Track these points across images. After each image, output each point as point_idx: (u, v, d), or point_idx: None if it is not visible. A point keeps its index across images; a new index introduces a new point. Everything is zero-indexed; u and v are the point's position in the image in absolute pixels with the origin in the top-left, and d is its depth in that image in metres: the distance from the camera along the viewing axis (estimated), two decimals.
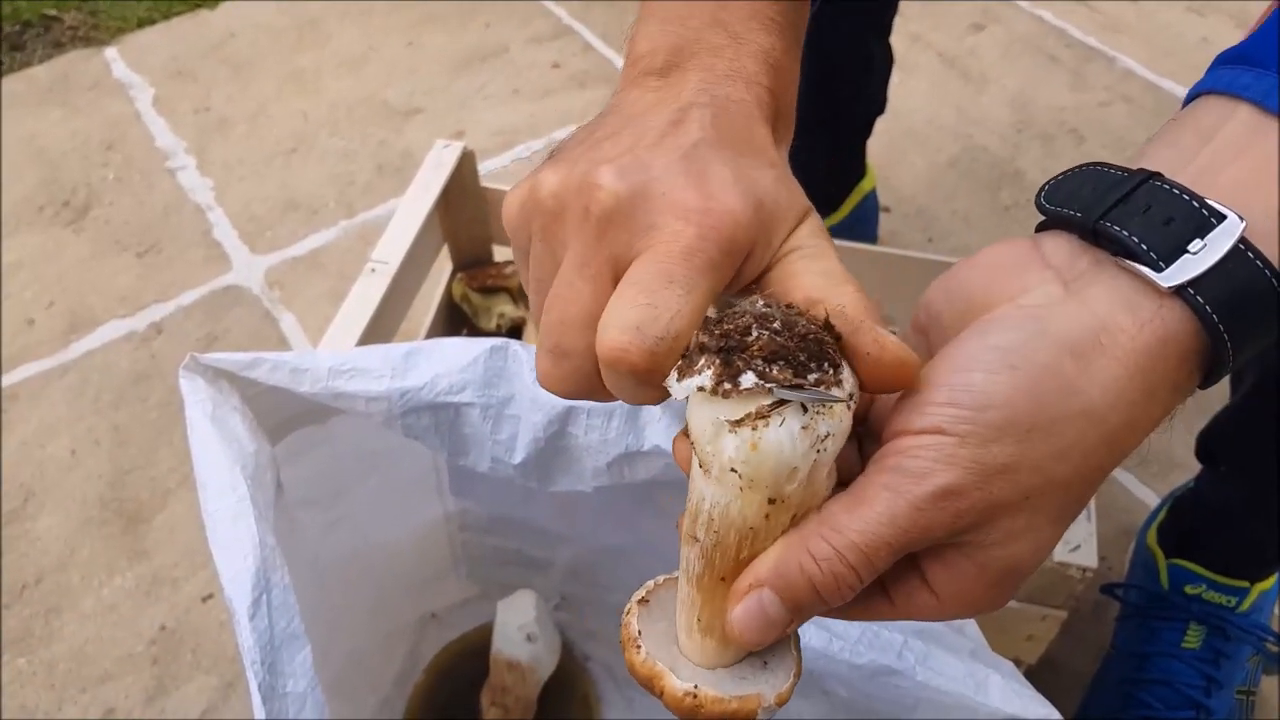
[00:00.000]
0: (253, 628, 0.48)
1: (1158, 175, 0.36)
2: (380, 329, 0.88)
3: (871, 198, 1.31)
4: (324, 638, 0.57)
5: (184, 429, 0.58)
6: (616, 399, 0.39)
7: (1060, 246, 0.37)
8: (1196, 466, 0.96)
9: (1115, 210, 0.36)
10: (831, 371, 0.35)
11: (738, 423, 0.35)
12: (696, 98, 0.42)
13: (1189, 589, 0.94)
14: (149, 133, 1.61)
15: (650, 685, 0.40)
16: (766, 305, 0.36)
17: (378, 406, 0.62)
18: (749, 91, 0.44)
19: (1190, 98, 0.39)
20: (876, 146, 1.28)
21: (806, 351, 0.35)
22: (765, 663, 0.41)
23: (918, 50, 1.71)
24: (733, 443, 0.35)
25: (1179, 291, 0.34)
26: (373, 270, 0.90)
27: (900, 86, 1.57)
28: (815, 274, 0.39)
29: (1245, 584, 0.93)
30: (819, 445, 0.35)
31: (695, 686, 0.39)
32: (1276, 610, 0.97)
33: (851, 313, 0.37)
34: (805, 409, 0.35)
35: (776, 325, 0.35)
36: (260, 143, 1.60)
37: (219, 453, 0.56)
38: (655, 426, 0.62)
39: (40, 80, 1.71)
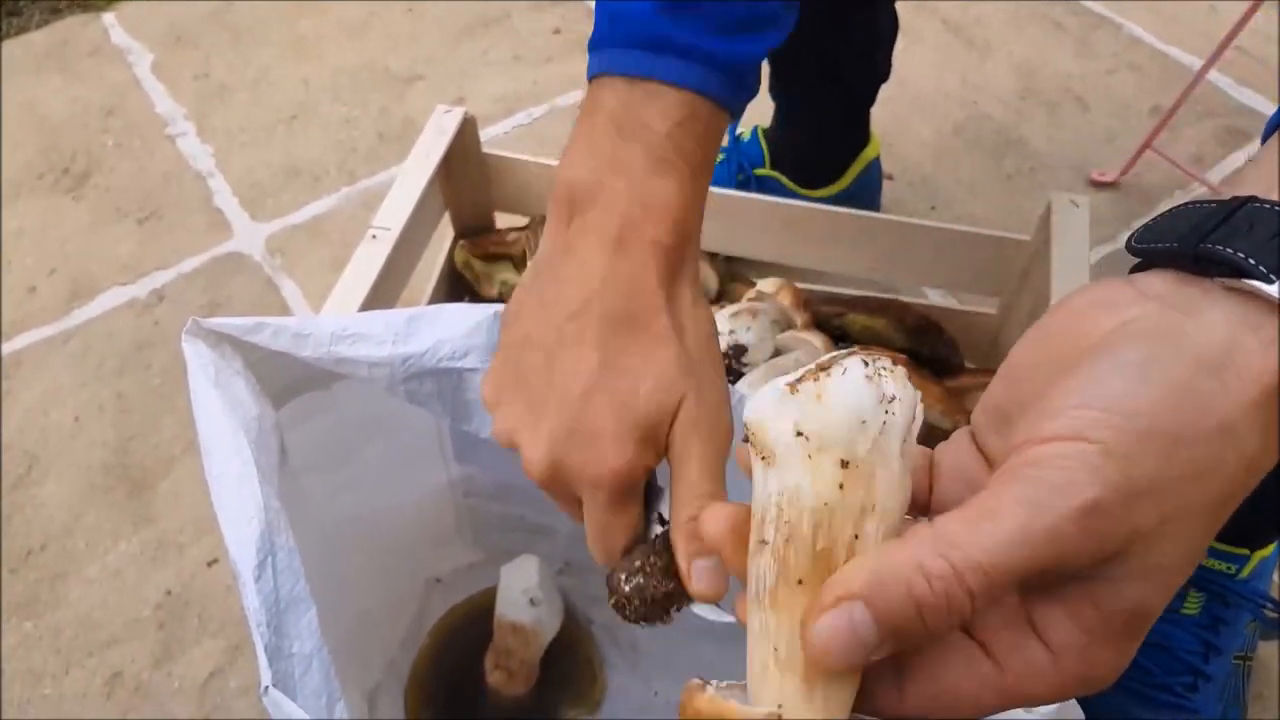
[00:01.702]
0: (258, 590, 0.48)
1: (1253, 198, 0.34)
2: (382, 296, 0.87)
3: (875, 166, 1.30)
4: (330, 602, 0.57)
5: (187, 396, 0.58)
6: None
7: (1158, 281, 0.35)
8: None
9: (1216, 233, 0.34)
10: None
11: (798, 382, 0.34)
12: (596, 287, 0.51)
13: None
14: (149, 99, 1.61)
15: None
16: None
17: (380, 372, 0.62)
18: (640, 251, 0.52)
19: (1271, 127, 0.38)
20: (880, 114, 1.27)
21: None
22: None
23: (923, 17, 1.70)
24: (795, 405, 0.34)
25: None
26: (374, 237, 0.90)
27: (905, 54, 1.56)
28: (685, 483, 0.50)
29: (1245, 551, 0.93)
30: (886, 405, 0.34)
31: (780, 706, 0.34)
32: (1276, 577, 0.98)
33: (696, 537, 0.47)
34: (866, 363, 0.34)
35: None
36: (261, 109, 1.59)
37: (222, 417, 0.56)
38: None
39: (38, 46, 1.70)
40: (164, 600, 1.06)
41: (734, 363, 0.93)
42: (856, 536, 0.34)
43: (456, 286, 1.16)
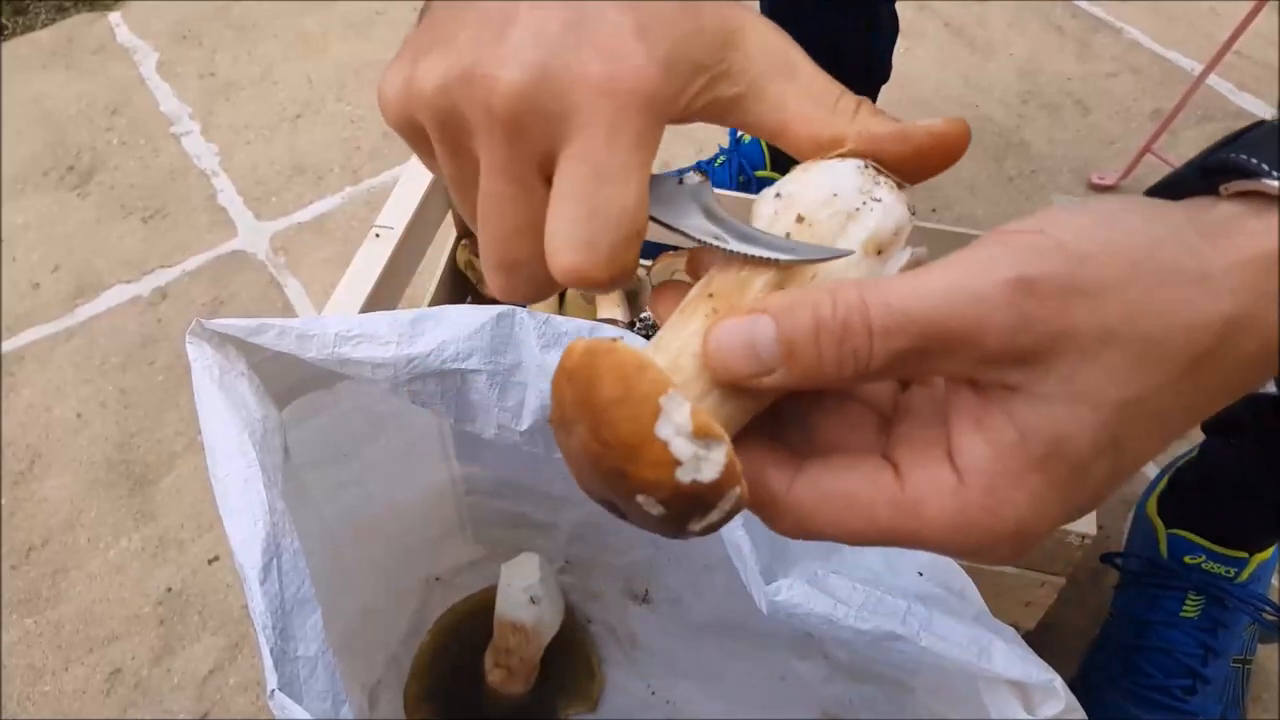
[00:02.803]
0: (264, 592, 0.49)
1: (1263, 121, 0.34)
2: (384, 295, 0.88)
3: None
4: (332, 599, 0.58)
5: (189, 393, 0.58)
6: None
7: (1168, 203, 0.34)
8: (1199, 436, 0.96)
9: (1223, 149, 0.33)
10: None
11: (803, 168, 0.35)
12: None
13: (1188, 559, 0.94)
14: (154, 97, 1.61)
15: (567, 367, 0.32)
16: None
17: (384, 373, 0.62)
18: None
19: None
20: None
21: None
22: None
23: (925, 18, 1.70)
24: (786, 178, 0.35)
25: None
26: (377, 236, 0.90)
27: (907, 55, 1.56)
28: (802, 98, 0.36)
29: (1244, 554, 0.93)
30: (867, 197, 0.34)
31: (615, 340, 0.32)
32: (1274, 580, 0.98)
33: (884, 130, 0.35)
34: (868, 165, 0.34)
35: None
36: (265, 107, 1.59)
37: (227, 418, 0.56)
38: None
39: (44, 44, 1.71)
40: (165, 597, 1.07)
41: None
42: (782, 287, 0.33)
43: (458, 286, 1.16)
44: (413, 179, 0.97)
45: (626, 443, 0.31)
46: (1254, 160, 0.31)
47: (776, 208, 0.35)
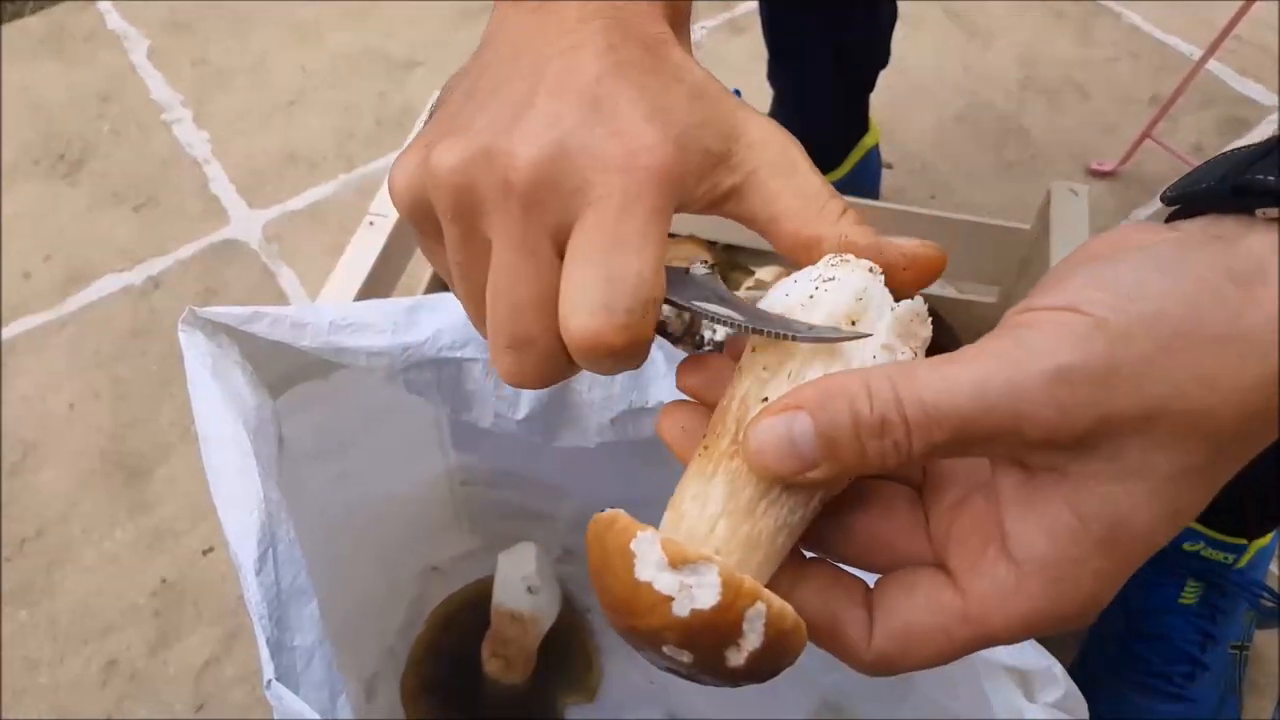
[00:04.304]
0: (259, 582, 0.48)
1: None
2: (379, 283, 0.87)
3: (874, 154, 1.30)
4: (328, 590, 0.57)
5: (183, 383, 0.57)
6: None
7: (1193, 221, 0.33)
8: None
9: (1255, 166, 0.31)
10: None
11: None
12: (583, 14, 0.37)
13: (1187, 546, 0.94)
14: (145, 85, 1.60)
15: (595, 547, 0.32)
16: None
17: (380, 362, 0.62)
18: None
19: None
20: (881, 102, 1.27)
21: None
22: None
23: (924, 5, 1.69)
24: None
25: None
26: (371, 224, 0.89)
27: (906, 41, 1.55)
28: (794, 196, 0.37)
29: (1243, 541, 0.93)
30: (819, 282, 0.34)
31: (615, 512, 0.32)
32: (1273, 567, 0.98)
33: (861, 240, 0.35)
34: (835, 258, 0.35)
35: None
36: (259, 95, 1.58)
37: (221, 407, 0.55)
38: (660, 384, 0.62)
39: (34, 32, 1.69)
40: (160, 588, 1.06)
41: None
42: (766, 399, 0.33)
43: None
44: None
45: (621, 601, 0.31)
46: None
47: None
